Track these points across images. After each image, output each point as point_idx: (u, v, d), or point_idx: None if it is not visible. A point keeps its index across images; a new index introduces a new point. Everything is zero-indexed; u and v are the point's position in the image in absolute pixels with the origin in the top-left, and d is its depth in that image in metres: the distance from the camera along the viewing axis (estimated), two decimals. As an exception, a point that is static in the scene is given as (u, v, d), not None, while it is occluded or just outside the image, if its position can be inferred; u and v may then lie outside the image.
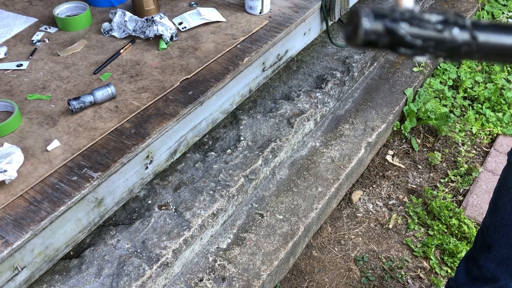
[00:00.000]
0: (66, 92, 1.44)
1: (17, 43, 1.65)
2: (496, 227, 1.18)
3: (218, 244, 1.55)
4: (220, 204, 1.52)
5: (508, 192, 1.13)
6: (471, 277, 1.32)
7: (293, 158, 1.86)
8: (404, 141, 2.26)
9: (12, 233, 1.07)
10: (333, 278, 1.72)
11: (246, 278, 1.46)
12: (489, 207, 1.22)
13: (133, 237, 1.40)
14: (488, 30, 0.32)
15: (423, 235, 1.86)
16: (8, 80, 1.49)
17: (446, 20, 0.32)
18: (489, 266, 1.23)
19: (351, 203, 1.98)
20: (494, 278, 1.24)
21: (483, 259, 1.25)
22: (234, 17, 1.77)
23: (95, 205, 1.24)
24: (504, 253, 1.18)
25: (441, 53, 0.32)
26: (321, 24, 2.00)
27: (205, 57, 1.57)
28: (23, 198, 1.15)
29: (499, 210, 1.16)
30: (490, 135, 2.30)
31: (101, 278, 1.29)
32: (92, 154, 1.25)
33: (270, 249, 1.55)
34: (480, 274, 1.27)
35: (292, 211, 1.67)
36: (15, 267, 1.10)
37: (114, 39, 1.66)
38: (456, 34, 0.32)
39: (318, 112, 1.95)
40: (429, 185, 2.06)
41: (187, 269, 1.47)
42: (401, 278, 1.72)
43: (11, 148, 1.21)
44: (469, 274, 1.33)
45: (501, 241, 1.18)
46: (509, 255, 1.18)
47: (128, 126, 1.33)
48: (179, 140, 1.46)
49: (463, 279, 1.36)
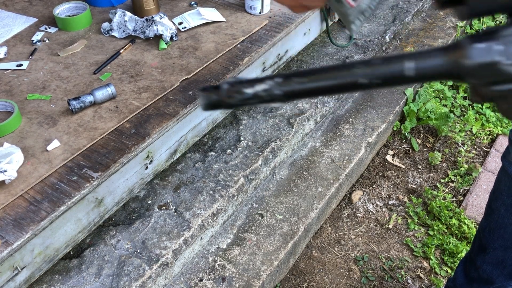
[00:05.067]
0: (66, 92, 1.44)
1: (17, 43, 1.65)
2: (491, 229, 1.20)
3: (218, 244, 1.55)
4: (220, 204, 1.52)
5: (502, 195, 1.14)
6: (469, 278, 1.33)
7: (293, 158, 1.86)
8: (404, 141, 2.26)
9: (12, 233, 1.07)
10: (333, 278, 1.72)
11: (246, 278, 1.46)
12: (485, 210, 1.24)
13: (133, 237, 1.40)
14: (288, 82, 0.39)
15: (423, 235, 1.86)
16: (8, 80, 1.49)
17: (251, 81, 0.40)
18: (485, 267, 1.24)
19: (351, 203, 1.98)
20: (491, 280, 1.25)
21: (480, 261, 1.26)
22: (234, 17, 1.77)
23: (95, 205, 1.24)
24: (499, 255, 1.19)
25: (267, 102, 0.40)
26: (321, 24, 2.00)
27: (205, 57, 1.57)
28: (23, 198, 1.14)
29: (494, 213, 1.17)
30: (490, 135, 2.30)
31: (101, 278, 1.29)
32: (92, 154, 1.25)
33: (270, 249, 1.55)
34: (478, 275, 1.28)
35: (292, 211, 1.67)
36: (15, 267, 1.09)
37: (114, 39, 1.66)
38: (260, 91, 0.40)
39: (318, 112, 1.95)
40: (429, 185, 2.06)
41: (187, 269, 1.47)
42: (401, 278, 1.72)
43: (11, 148, 1.21)
44: (467, 275, 1.34)
45: (496, 243, 1.19)
46: (504, 258, 1.19)
47: (128, 126, 1.33)
48: (179, 140, 1.46)
49: (462, 280, 1.36)
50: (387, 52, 2.42)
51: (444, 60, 0.33)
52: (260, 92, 0.39)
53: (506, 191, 1.13)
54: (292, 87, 0.38)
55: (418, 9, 2.57)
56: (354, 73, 0.36)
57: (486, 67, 0.31)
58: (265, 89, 0.39)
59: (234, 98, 0.40)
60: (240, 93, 0.40)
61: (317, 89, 0.38)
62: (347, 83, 0.37)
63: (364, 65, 0.36)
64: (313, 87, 0.38)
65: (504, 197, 1.13)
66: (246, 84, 0.40)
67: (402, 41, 2.50)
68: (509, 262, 1.18)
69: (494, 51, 0.31)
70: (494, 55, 0.31)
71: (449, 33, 2.58)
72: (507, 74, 0.31)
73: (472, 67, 0.32)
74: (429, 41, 2.51)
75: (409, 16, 2.47)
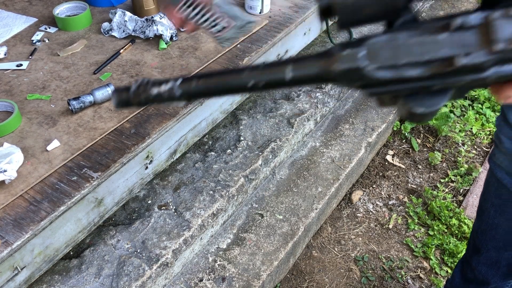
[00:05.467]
0: (66, 92, 1.44)
1: (17, 43, 1.65)
2: (483, 231, 1.21)
3: (218, 244, 1.55)
4: (220, 204, 1.52)
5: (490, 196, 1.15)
6: (466, 279, 1.34)
7: (293, 158, 1.86)
8: (404, 141, 2.26)
9: (12, 233, 1.07)
10: (333, 278, 1.72)
11: (246, 278, 1.46)
12: (477, 212, 1.25)
13: (133, 237, 1.40)
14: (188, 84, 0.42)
15: (423, 235, 1.86)
16: (8, 80, 1.49)
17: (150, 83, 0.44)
18: (480, 268, 1.25)
19: (351, 203, 1.98)
20: (486, 280, 1.26)
21: (475, 262, 1.27)
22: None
23: (95, 205, 1.24)
24: (493, 256, 1.20)
25: (166, 102, 0.44)
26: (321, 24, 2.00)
27: (205, 57, 1.57)
28: (23, 198, 1.14)
29: (484, 214, 1.19)
30: (490, 135, 2.30)
31: (101, 278, 1.29)
32: (92, 154, 1.25)
33: (270, 249, 1.55)
34: (474, 276, 1.29)
35: (292, 211, 1.67)
36: (15, 267, 1.09)
37: (114, 39, 1.66)
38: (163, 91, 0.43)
39: (318, 112, 1.95)
40: (429, 185, 2.06)
41: (187, 269, 1.47)
42: (401, 278, 1.72)
43: (11, 148, 1.21)
44: (464, 276, 1.35)
45: (489, 244, 1.20)
46: (498, 258, 1.19)
47: (128, 126, 1.33)
48: (179, 140, 1.46)
49: (459, 281, 1.37)
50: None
51: (318, 66, 0.36)
52: (163, 92, 0.42)
53: (494, 192, 1.14)
54: (189, 89, 0.42)
55: (418, 10, 2.57)
56: (243, 77, 0.39)
57: (352, 72, 0.35)
58: (166, 90, 0.42)
59: (140, 97, 0.44)
60: (145, 93, 0.43)
61: (211, 91, 0.41)
62: (237, 86, 0.40)
63: (251, 70, 0.39)
64: (207, 89, 0.41)
65: (493, 198, 1.14)
66: (153, 84, 0.43)
67: (402, 41, 2.50)
68: (503, 262, 1.19)
69: (359, 57, 0.34)
70: (358, 62, 0.34)
71: (449, 33, 2.58)
72: (370, 78, 0.34)
73: (339, 72, 0.35)
74: (429, 41, 2.51)
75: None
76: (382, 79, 0.34)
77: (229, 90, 0.41)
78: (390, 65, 0.33)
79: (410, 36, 0.33)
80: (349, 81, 0.36)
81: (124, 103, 0.45)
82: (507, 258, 1.18)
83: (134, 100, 0.44)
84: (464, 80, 0.34)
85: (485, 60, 0.32)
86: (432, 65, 0.33)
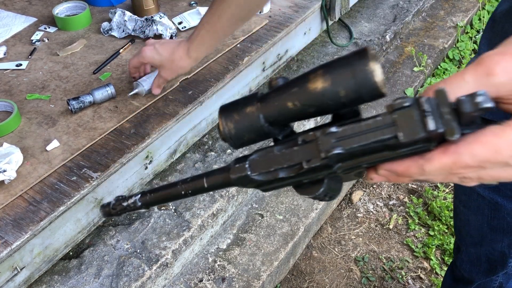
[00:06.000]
0: (65, 92, 1.44)
1: (16, 43, 1.65)
2: (459, 228, 1.22)
3: (218, 245, 1.54)
4: (220, 204, 1.52)
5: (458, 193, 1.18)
6: (455, 279, 1.35)
7: (293, 158, 1.85)
8: (404, 141, 2.25)
9: (11, 233, 1.07)
10: (333, 279, 1.72)
11: (246, 279, 1.46)
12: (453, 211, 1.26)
13: (132, 238, 1.39)
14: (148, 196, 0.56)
15: (423, 235, 1.86)
16: (7, 80, 1.49)
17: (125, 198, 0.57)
18: (464, 267, 1.26)
19: (351, 203, 1.98)
20: (471, 278, 1.26)
21: (459, 261, 1.28)
22: (234, 16, 1.76)
23: (95, 205, 1.24)
24: (472, 252, 1.21)
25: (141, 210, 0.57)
26: (321, 23, 2.00)
27: (205, 57, 1.56)
28: (23, 198, 1.14)
29: (456, 212, 1.20)
30: (490, 135, 2.30)
31: (101, 279, 1.29)
32: (92, 154, 1.25)
33: (270, 249, 1.54)
34: (461, 275, 1.30)
35: (292, 211, 1.66)
36: (14, 268, 1.09)
37: (114, 39, 1.66)
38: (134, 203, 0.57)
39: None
40: (430, 185, 2.06)
41: (186, 270, 1.47)
42: (401, 279, 1.71)
43: (10, 148, 1.21)
44: (453, 276, 1.36)
45: (467, 241, 1.21)
46: (478, 254, 1.20)
47: (128, 126, 1.33)
48: (179, 140, 1.46)
49: (450, 282, 1.38)
50: (388, 52, 2.42)
51: (222, 177, 0.50)
52: (130, 204, 0.56)
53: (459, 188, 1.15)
54: (146, 200, 0.55)
55: (418, 9, 2.57)
56: (178, 188, 0.53)
57: (242, 178, 0.47)
58: (132, 202, 0.56)
59: (117, 209, 0.57)
60: (120, 206, 0.57)
61: (160, 200, 0.55)
62: (176, 194, 0.53)
63: (183, 183, 0.53)
64: (157, 199, 0.55)
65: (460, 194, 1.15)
66: (123, 199, 0.57)
67: (402, 41, 2.49)
68: (483, 258, 1.19)
69: (245, 168, 0.47)
70: (245, 171, 0.47)
71: (450, 32, 2.58)
72: (255, 181, 0.47)
73: (235, 180, 0.48)
74: (430, 41, 2.51)
75: (409, 16, 2.47)
76: (262, 181, 0.46)
77: (171, 198, 0.54)
78: (265, 171, 0.46)
79: (280, 149, 0.46)
80: (244, 184, 0.48)
81: (108, 214, 0.58)
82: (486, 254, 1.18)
83: (113, 211, 0.57)
84: (321, 174, 0.45)
85: (320, 164, 0.43)
86: (291, 169, 0.45)
